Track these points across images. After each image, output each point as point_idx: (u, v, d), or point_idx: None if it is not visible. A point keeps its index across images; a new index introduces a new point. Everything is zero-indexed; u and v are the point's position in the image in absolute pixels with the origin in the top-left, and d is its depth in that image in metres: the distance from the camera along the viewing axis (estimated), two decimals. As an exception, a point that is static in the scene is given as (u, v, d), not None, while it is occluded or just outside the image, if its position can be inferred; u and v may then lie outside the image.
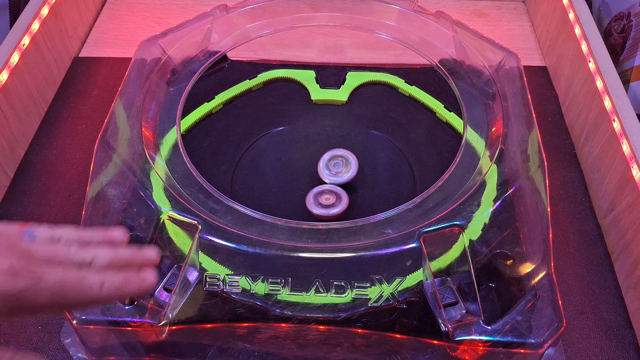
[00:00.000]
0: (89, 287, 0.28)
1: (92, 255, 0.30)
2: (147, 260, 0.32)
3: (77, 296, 0.28)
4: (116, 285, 0.29)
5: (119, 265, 0.31)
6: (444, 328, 0.40)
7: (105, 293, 0.29)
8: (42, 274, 0.27)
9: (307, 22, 0.64)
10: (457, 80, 0.57)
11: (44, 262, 0.28)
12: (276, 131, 0.60)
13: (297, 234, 0.44)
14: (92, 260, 0.30)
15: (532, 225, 0.45)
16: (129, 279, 0.30)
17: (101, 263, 0.30)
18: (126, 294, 0.30)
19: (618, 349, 0.48)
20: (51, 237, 0.31)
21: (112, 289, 0.29)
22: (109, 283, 0.29)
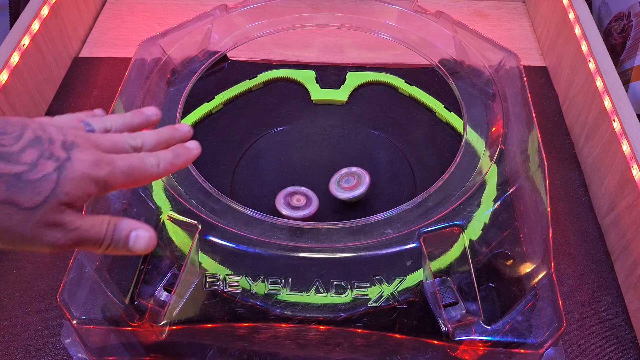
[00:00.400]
0: (150, 167, 0.33)
1: (142, 140, 0.35)
2: (184, 134, 0.38)
3: (142, 175, 0.33)
4: (169, 161, 0.35)
5: (164, 143, 0.36)
6: (444, 328, 0.40)
7: (163, 168, 0.34)
8: (115, 161, 0.32)
9: (307, 22, 0.64)
10: (457, 80, 0.57)
11: (112, 151, 0.33)
12: (276, 131, 0.60)
13: (297, 234, 0.44)
14: (142, 144, 0.35)
15: (532, 225, 0.45)
16: (178, 153, 0.36)
17: (150, 144, 0.35)
18: (179, 166, 0.35)
19: (618, 349, 0.48)
20: (105, 127, 0.36)
21: (167, 164, 0.34)
22: (164, 160, 0.34)
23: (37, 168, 0.29)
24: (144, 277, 0.43)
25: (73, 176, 0.30)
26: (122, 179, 0.32)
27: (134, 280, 0.43)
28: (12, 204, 0.28)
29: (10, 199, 0.28)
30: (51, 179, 0.29)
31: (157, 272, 0.43)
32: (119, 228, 0.32)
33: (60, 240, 0.30)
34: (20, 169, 0.28)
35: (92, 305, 0.41)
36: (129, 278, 0.43)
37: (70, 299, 0.41)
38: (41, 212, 0.29)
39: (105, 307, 0.41)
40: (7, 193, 0.28)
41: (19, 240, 0.29)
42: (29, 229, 0.29)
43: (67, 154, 0.30)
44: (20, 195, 0.28)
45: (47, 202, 0.29)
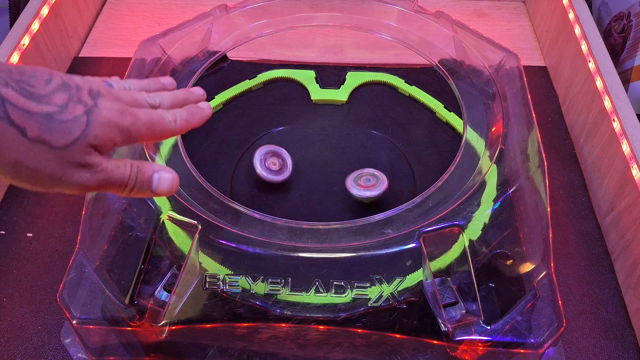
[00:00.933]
0: (168, 122, 0.35)
1: (159, 99, 0.38)
2: (199, 97, 0.41)
3: (161, 130, 0.35)
4: (185, 118, 0.37)
5: (179, 104, 0.39)
6: (444, 328, 0.40)
7: (180, 125, 0.36)
8: (137, 113, 0.34)
9: (307, 22, 0.64)
10: (457, 80, 0.57)
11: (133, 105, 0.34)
12: (276, 131, 0.60)
13: (297, 234, 0.44)
14: (160, 102, 0.37)
15: (532, 225, 0.45)
16: (192, 112, 0.38)
17: (167, 104, 0.38)
18: (194, 124, 0.38)
19: (618, 349, 0.48)
20: (123, 87, 0.38)
21: (183, 122, 0.37)
22: (180, 117, 0.36)
23: (67, 110, 0.30)
24: (144, 277, 0.43)
25: (101, 121, 0.31)
26: (144, 131, 0.34)
27: (133, 280, 0.43)
28: (43, 143, 0.29)
29: (42, 137, 0.29)
30: (81, 121, 0.30)
31: (157, 272, 0.43)
32: (142, 170, 0.34)
33: (88, 180, 0.31)
34: (51, 109, 0.30)
35: (92, 305, 0.41)
36: (128, 278, 0.43)
37: (70, 298, 0.41)
38: (71, 152, 0.30)
39: (105, 307, 0.41)
40: (39, 131, 0.29)
41: (49, 180, 0.30)
42: (59, 168, 0.30)
43: (94, 101, 0.32)
44: (51, 134, 0.29)
45: (77, 142, 0.30)
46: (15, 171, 0.29)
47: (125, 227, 0.45)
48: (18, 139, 0.28)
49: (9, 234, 0.55)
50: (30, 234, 0.55)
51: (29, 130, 0.29)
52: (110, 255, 0.44)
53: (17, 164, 0.29)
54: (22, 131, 0.29)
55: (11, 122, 0.28)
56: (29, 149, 0.29)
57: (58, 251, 0.54)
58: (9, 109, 0.28)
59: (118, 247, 0.45)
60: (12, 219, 0.56)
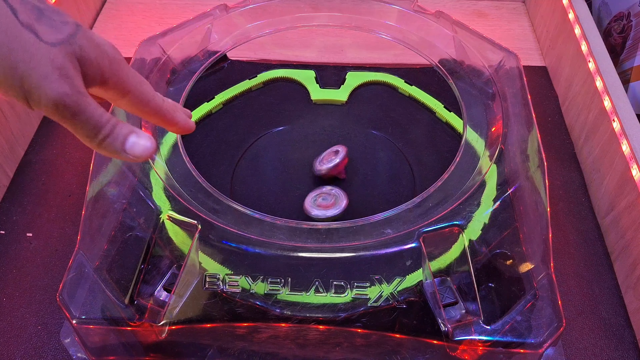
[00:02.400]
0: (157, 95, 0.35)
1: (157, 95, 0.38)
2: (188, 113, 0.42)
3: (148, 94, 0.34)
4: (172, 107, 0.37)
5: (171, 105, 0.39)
6: (443, 328, 0.40)
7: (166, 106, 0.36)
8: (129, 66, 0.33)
9: (307, 22, 0.64)
10: (457, 80, 0.57)
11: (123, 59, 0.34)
12: (276, 131, 0.60)
13: (297, 234, 0.44)
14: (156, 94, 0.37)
15: (532, 225, 0.45)
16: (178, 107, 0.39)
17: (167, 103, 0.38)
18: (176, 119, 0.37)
19: (618, 349, 0.48)
20: None
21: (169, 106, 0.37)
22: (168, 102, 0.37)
23: (58, 13, 0.29)
24: (144, 277, 0.43)
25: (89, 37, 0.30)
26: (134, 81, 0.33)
27: (133, 280, 0.43)
28: (33, 31, 0.28)
29: (32, 26, 0.28)
30: (71, 25, 0.29)
31: (157, 271, 0.43)
32: (120, 125, 0.31)
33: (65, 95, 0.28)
34: (43, 6, 0.29)
35: (92, 305, 0.41)
36: (128, 278, 0.43)
37: (70, 298, 0.41)
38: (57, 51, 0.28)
39: (104, 307, 0.41)
40: (29, 19, 0.28)
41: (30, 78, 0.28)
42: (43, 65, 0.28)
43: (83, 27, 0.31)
44: (41, 26, 0.28)
45: (64, 44, 0.29)
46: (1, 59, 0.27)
47: (125, 227, 0.45)
48: (9, 17, 0.27)
49: (9, 234, 0.55)
50: (30, 234, 0.55)
51: (20, 12, 0.27)
52: (110, 255, 0.44)
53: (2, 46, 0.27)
54: (13, 10, 0.27)
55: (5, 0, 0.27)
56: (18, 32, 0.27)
57: (58, 251, 0.54)
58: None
59: (118, 247, 0.45)
60: (12, 219, 0.56)
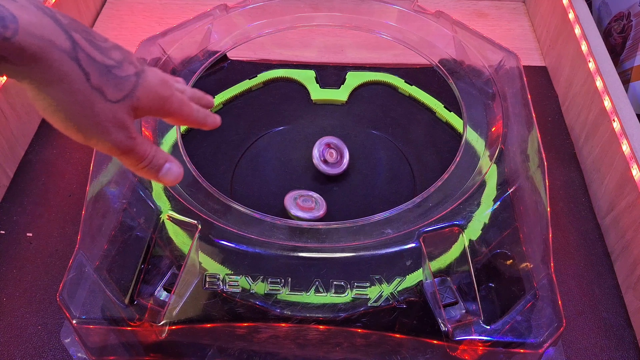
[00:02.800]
0: (193, 110, 0.39)
1: (184, 87, 0.41)
2: (209, 102, 0.44)
3: (187, 113, 0.38)
4: (204, 115, 0.40)
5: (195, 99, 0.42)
6: (443, 328, 0.40)
7: (199, 117, 0.39)
8: (174, 90, 0.36)
9: (307, 22, 0.64)
10: (457, 80, 0.57)
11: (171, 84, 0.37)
12: (276, 131, 0.60)
13: (297, 234, 0.44)
14: (184, 90, 0.41)
15: (532, 225, 0.45)
16: (209, 114, 0.41)
17: (189, 94, 0.42)
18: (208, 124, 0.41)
19: (618, 349, 0.48)
20: None
21: (202, 116, 0.40)
22: (201, 111, 0.40)
23: (122, 67, 0.32)
24: (144, 277, 0.43)
25: (146, 85, 0.34)
26: (175, 108, 0.36)
27: (133, 280, 0.43)
28: (100, 92, 0.31)
29: (101, 87, 0.31)
30: (131, 80, 0.33)
31: (157, 271, 0.43)
32: (159, 154, 0.36)
33: (120, 142, 0.33)
34: (110, 63, 0.32)
35: (92, 305, 0.41)
36: (128, 278, 0.43)
37: (70, 298, 0.41)
38: (117, 109, 0.32)
39: (105, 307, 0.41)
40: (99, 80, 0.31)
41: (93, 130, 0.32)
42: (105, 121, 0.32)
43: (142, 66, 0.34)
44: (107, 86, 0.31)
45: (125, 100, 0.32)
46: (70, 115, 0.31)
47: (125, 227, 0.45)
48: (82, 82, 0.30)
49: (9, 234, 0.55)
50: (30, 234, 0.55)
51: (92, 76, 0.30)
52: (110, 255, 0.44)
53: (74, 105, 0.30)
54: (86, 75, 0.30)
55: (79, 65, 0.30)
56: (88, 95, 0.30)
57: (58, 251, 0.54)
58: (79, 52, 0.30)
59: (118, 247, 0.45)
60: (12, 219, 0.56)
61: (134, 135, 0.33)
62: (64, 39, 0.29)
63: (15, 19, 0.27)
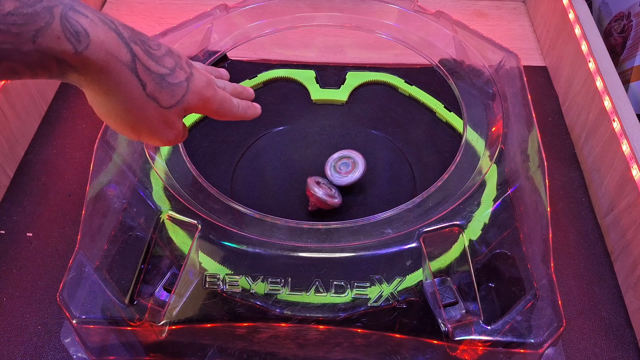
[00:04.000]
0: (234, 105, 0.40)
1: (224, 84, 0.42)
2: (250, 94, 0.46)
3: (227, 109, 0.40)
4: (244, 108, 0.42)
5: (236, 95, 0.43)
6: (443, 328, 0.40)
7: (241, 112, 0.41)
8: (216, 89, 0.38)
9: (307, 22, 0.64)
10: (457, 80, 0.57)
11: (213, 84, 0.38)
12: (276, 131, 0.60)
13: (296, 234, 0.44)
14: (224, 87, 0.42)
15: (532, 225, 0.45)
16: (250, 106, 0.43)
17: (230, 90, 0.43)
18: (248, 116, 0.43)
19: (618, 349, 0.48)
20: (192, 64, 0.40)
21: (243, 110, 0.41)
22: (242, 106, 0.42)
23: (174, 74, 0.34)
24: (144, 277, 0.43)
25: (195, 90, 0.36)
26: (216, 106, 0.38)
27: (133, 280, 0.43)
28: (155, 100, 0.33)
29: (155, 95, 0.33)
30: (183, 86, 0.35)
31: (157, 271, 0.43)
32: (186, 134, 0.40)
33: (169, 140, 0.36)
34: (164, 72, 0.34)
35: (92, 304, 0.41)
36: (128, 278, 0.43)
37: (70, 298, 0.41)
38: (170, 113, 0.34)
39: (105, 307, 0.41)
40: (154, 89, 0.33)
41: (147, 132, 0.34)
42: (158, 124, 0.34)
43: (190, 70, 0.36)
44: (162, 94, 0.33)
45: (177, 105, 0.35)
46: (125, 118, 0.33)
47: (125, 227, 0.45)
48: (138, 92, 0.32)
49: (9, 234, 0.55)
50: (30, 233, 0.55)
51: (148, 85, 0.32)
52: (110, 255, 0.44)
53: (130, 112, 0.32)
54: (143, 85, 0.32)
55: (137, 76, 0.32)
56: (144, 103, 0.33)
57: (58, 251, 0.54)
58: (137, 63, 0.32)
59: (118, 247, 0.45)
60: (12, 219, 0.56)
61: (180, 132, 0.36)
62: (125, 52, 0.31)
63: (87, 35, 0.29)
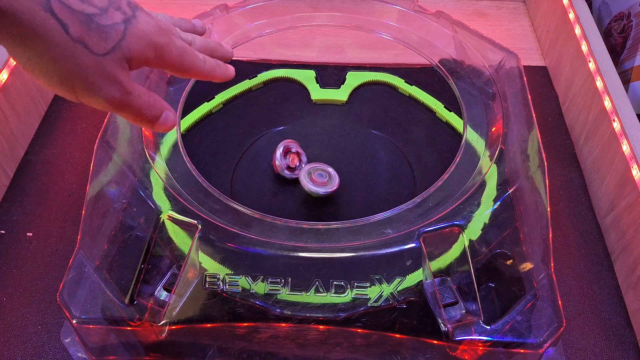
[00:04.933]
0: (198, 60, 0.36)
1: (192, 37, 0.38)
2: (226, 53, 0.41)
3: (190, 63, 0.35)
4: (213, 65, 0.37)
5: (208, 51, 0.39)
6: (443, 328, 0.40)
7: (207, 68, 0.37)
8: (172, 37, 0.34)
9: (307, 21, 0.64)
10: (457, 80, 0.57)
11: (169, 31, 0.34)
12: (276, 131, 0.60)
13: (297, 234, 0.44)
14: (192, 42, 0.38)
15: (532, 225, 0.45)
16: (219, 64, 0.38)
17: (197, 46, 0.38)
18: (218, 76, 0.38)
19: (618, 349, 0.48)
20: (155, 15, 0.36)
21: (210, 67, 0.37)
22: (209, 62, 0.37)
23: (107, 14, 0.30)
24: (144, 277, 0.43)
25: (137, 33, 0.31)
26: (175, 57, 0.34)
27: (133, 280, 0.43)
28: (83, 44, 0.29)
29: (83, 38, 0.29)
30: (119, 29, 0.30)
31: (157, 271, 0.43)
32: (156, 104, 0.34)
33: (114, 99, 0.31)
34: (92, 11, 0.29)
35: (92, 304, 0.41)
36: (128, 277, 0.43)
37: (70, 298, 0.41)
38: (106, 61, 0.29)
39: (105, 307, 0.41)
40: (80, 32, 0.28)
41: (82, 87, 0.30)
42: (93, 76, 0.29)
43: (133, 12, 0.31)
44: (91, 37, 0.29)
45: (114, 52, 0.30)
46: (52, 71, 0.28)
47: (125, 227, 0.45)
48: (60, 34, 0.28)
49: (9, 234, 0.55)
50: (30, 233, 0.55)
51: (71, 27, 0.28)
52: (110, 254, 0.44)
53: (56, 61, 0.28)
54: (64, 26, 0.28)
55: (54, 15, 0.27)
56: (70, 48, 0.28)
57: (58, 251, 0.54)
58: (52, 1, 0.27)
59: (118, 247, 0.45)
60: (12, 219, 0.56)
61: (129, 89, 0.31)
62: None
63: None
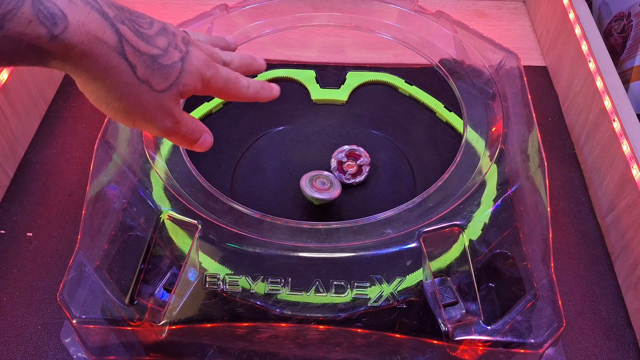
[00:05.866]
0: (242, 86, 0.37)
1: (230, 57, 0.39)
2: (260, 66, 0.43)
3: (234, 90, 0.37)
4: (257, 89, 0.39)
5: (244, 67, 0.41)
6: (443, 328, 0.40)
7: (250, 92, 0.38)
8: (219, 67, 0.36)
9: (307, 21, 0.64)
10: (457, 80, 0.57)
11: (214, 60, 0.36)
12: (276, 131, 0.60)
13: (297, 234, 0.44)
14: (231, 61, 0.39)
15: (532, 225, 0.45)
16: (264, 87, 0.40)
17: (236, 64, 0.40)
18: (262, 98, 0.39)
19: (618, 349, 0.48)
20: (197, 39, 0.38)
21: (254, 91, 0.38)
22: (252, 86, 0.38)
23: (167, 54, 0.32)
24: (144, 277, 0.43)
25: (191, 70, 0.33)
26: (220, 86, 0.36)
27: (134, 280, 0.43)
28: (147, 84, 0.31)
29: (148, 79, 0.31)
30: (177, 67, 0.32)
31: (157, 271, 0.43)
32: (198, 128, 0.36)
33: (167, 129, 0.34)
34: (156, 52, 0.31)
35: (92, 304, 0.41)
36: (129, 277, 0.43)
37: (70, 298, 0.41)
38: (165, 97, 0.32)
39: (105, 307, 0.41)
40: (146, 73, 0.31)
41: (141, 119, 0.32)
42: (153, 111, 0.32)
43: (187, 48, 0.33)
44: (154, 77, 0.31)
45: (171, 88, 0.32)
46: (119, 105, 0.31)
47: (125, 227, 0.45)
48: (129, 76, 0.30)
49: (9, 234, 0.55)
50: (30, 233, 0.55)
51: (139, 69, 0.30)
52: (110, 254, 0.44)
53: (122, 99, 0.30)
54: (133, 68, 0.30)
55: (126, 58, 0.30)
56: (135, 87, 0.30)
57: (58, 251, 0.54)
58: (124, 45, 0.29)
59: (118, 247, 0.45)
60: (12, 219, 0.56)
61: (179, 119, 0.34)
62: (110, 34, 0.29)
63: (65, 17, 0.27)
